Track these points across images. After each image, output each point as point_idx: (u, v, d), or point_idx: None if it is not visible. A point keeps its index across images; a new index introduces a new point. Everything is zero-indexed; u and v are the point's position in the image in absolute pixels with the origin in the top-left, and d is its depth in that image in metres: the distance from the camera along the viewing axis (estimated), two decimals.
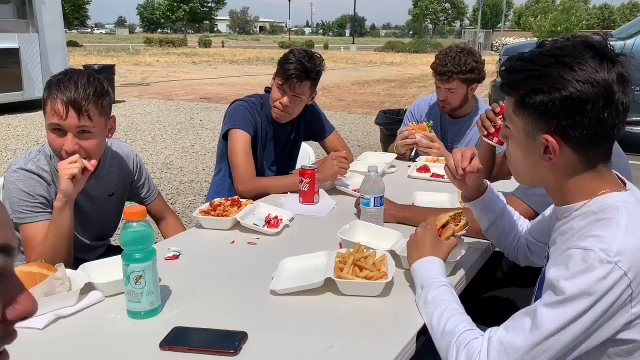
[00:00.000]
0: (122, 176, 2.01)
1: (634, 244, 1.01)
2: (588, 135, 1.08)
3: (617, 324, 1.03)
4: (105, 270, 1.44)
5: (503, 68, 1.19)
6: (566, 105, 1.07)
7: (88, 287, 1.36)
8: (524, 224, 1.60)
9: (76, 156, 1.66)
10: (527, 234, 1.55)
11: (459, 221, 1.49)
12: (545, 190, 1.26)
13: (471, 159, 1.48)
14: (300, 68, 2.38)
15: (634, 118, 7.01)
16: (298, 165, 2.78)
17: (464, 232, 1.51)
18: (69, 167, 1.64)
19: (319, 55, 2.49)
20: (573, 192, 1.16)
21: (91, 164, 1.68)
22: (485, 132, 2.09)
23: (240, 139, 2.40)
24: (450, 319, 1.18)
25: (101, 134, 1.75)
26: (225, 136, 2.47)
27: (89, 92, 1.66)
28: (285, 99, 2.45)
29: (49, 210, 1.75)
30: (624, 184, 1.18)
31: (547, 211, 1.48)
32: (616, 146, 1.78)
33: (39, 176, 1.76)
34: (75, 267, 1.47)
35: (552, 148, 1.11)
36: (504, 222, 1.58)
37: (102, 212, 1.96)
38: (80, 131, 1.68)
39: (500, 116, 2.01)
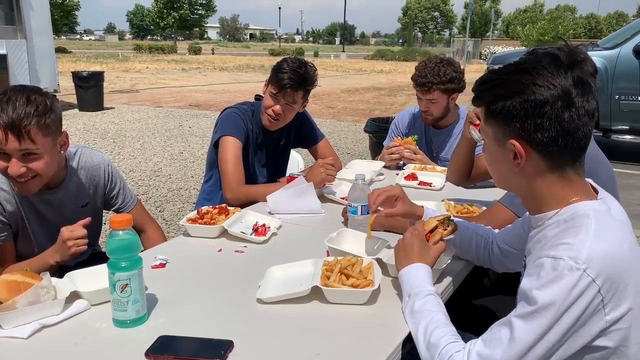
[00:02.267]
0: (94, 186, 1.95)
1: (602, 251, 1.04)
2: (551, 137, 1.11)
3: (592, 332, 1.04)
4: (91, 279, 1.43)
5: (475, 85, 1.24)
6: (526, 107, 1.11)
7: (73, 296, 1.36)
8: (491, 233, 1.62)
9: (83, 232, 1.60)
10: (500, 242, 1.56)
11: (448, 225, 1.50)
12: (521, 200, 1.28)
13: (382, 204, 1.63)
14: (295, 77, 2.39)
15: (620, 127, 7.10)
16: (288, 172, 2.79)
17: (452, 236, 1.52)
18: (76, 243, 1.60)
19: (312, 65, 2.51)
20: (545, 200, 1.18)
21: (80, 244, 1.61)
22: (478, 122, 2.10)
23: (232, 146, 2.40)
24: (435, 331, 1.19)
25: (49, 153, 1.65)
26: (216, 144, 2.47)
27: (28, 111, 1.56)
28: (277, 107, 2.46)
29: (7, 228, 1.71)
30: (597, 192, 1.21)
31: (520, 219, 1.51)
32: (601, 155, 1.82)
33: None
34: (60, 275, 1.46)
35: (518, 153, 1.14)
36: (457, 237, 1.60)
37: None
38: (25, 154, 1.60)
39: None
